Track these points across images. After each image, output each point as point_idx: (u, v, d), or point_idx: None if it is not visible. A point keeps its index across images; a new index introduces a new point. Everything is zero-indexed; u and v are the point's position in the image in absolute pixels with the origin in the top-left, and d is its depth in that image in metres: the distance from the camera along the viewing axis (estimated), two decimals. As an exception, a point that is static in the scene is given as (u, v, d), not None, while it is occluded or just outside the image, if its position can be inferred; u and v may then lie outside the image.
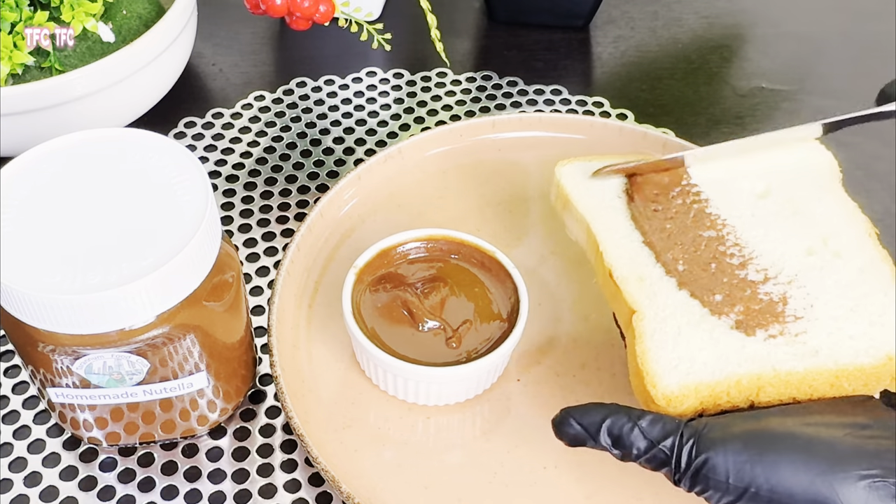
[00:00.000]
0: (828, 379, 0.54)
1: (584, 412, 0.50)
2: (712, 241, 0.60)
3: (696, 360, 0.54)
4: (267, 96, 0.84)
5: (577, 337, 0.64)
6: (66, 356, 0.51)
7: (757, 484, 0.46)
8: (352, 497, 0.55)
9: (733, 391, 0.53)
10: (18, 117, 0.69)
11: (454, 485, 0.57)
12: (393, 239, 0.64)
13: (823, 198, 0.62)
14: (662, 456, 0.48)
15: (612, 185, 0.63)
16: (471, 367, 0.58)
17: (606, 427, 0.49)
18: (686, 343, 0.55)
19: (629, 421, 0.49)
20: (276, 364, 0.60)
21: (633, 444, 0.49)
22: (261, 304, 0.68)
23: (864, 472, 0.45)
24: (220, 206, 0.75)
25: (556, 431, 0.51)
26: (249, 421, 0.62)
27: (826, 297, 0.57)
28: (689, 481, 0.48)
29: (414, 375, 0.58)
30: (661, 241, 0.60)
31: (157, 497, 0.58)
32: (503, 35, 0.91)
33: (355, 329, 0.59)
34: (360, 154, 0.79)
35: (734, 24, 0.93)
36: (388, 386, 0.60)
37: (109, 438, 0.58)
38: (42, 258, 0.48)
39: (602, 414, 0.50)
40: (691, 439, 0.48)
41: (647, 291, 0.57)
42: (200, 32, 0.84)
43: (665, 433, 0.48)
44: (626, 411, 0.50)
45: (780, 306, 0.56)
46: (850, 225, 0.60)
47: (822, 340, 0.55)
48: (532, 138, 0.76)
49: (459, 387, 0.60)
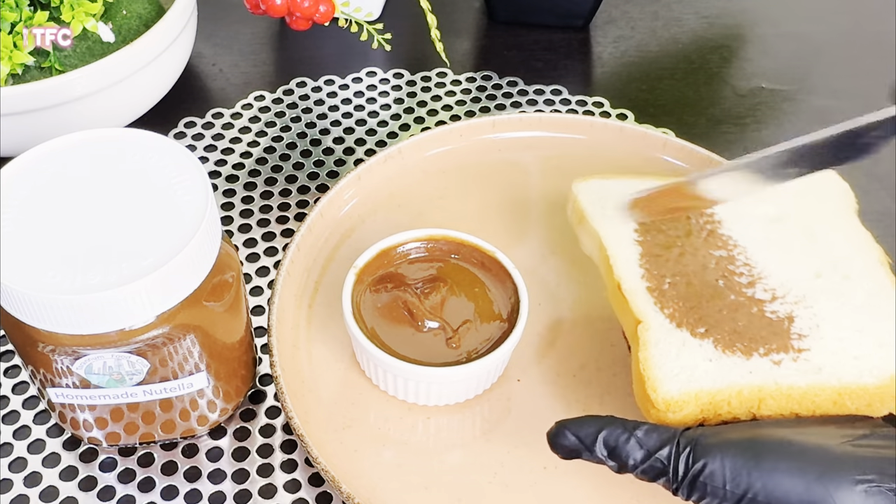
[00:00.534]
0: (830, 396, 0.54)
1: (579, 424, 0.50)
2: (722, 260, 0.60)
3: (698, 368, 0.55)
4: (267, 96, 0.84)
5: (577, 337, 0.64)
6: (66, 356, 0.51)
7: (754, 490, 0.46)
8: (352, 497, 0.54)
9: (734, 401, 0.54)
10: (18, 117, 0.69)
11: (454, 485, 0.57)
12: (393, 239, 0.64)
13: (837, 225, 0.62)
14: (659, 465, 0.48)
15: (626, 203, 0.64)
16: (471, 368, 0.58)
17: (602, 438, 0.49)
18: (689, 353, 0.55)
19: (625, 431, 0.49)
20: (276, 364, 0.60)
21: (630, 455, 0.48)
22: (261, 304, 0.68)
23: (860, 478, 0.45)
24: (220, 206, 0.75)
25: (550, 444, 0.51)
26: (249, 421, 0.62)
27: (833, 317, 0.57)
28: (686, 489, 0.48)
29: (414, 375, 0.58)
30: (671, 257, 0.60)
31: (157, 497, 0.58)
32: (503, 35, 0.91)
33: (355, 329, 0.59)
34: (360, 154, 0.79)
35: (734, 24, 0.93)
36: (388, 386, 0.60)
37: (109, 438, 0.58)
38: (42, 258, 0.48)
39: (598, 425, 0.49)
40: (688, 447, 0.48)
41: (653, 303, 0.58)
42: (200, 32, 0.84)
43: (661, 442, 0.48)
44: (622, 422, 0.49)
45: (785, 324, 0.57)
46: (863, 252, 0.61)
47: (826, 359, 0.55)
48: (532, 138, 0.76)
49: (459, 387, 0.60)
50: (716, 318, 0.57)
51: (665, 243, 0.61)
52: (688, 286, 0.58)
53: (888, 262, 0.60)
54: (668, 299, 0.58)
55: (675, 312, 0.57)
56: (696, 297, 0.58)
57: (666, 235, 0.61)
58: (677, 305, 0.58)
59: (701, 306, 0.57)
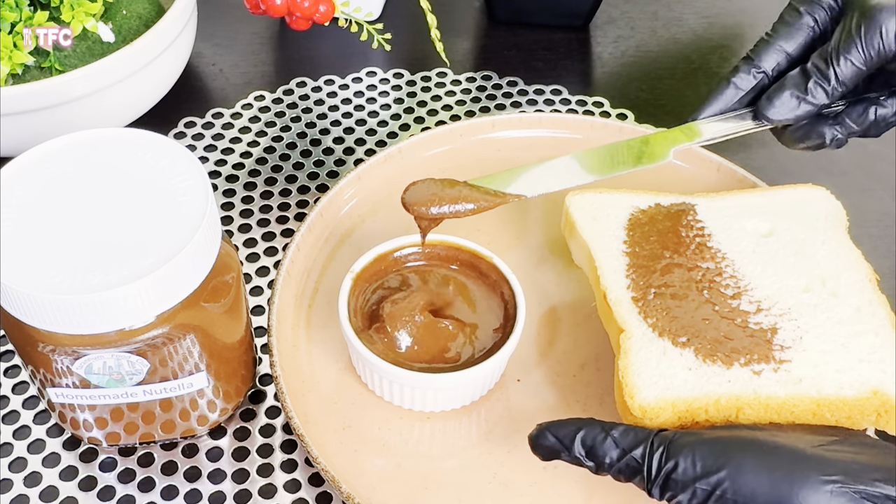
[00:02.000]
0: (809, 407, 0.54)
1: (559, 426, 0.51)
2: (709, 272, 0.60)
3: (677, 377, 0.55)
4: (267, 96, 0.84)
5: (576, 337, 0.64)
6: (66, 356, 0.50)
7: (722, 487, 0.46)
8: (352, 497, 0.54)
9: (712, 409, 0.54)
10: (18, 117, 0.69)
11: (454, 485, 0.57)
12: (390, 244, 0.64)
13: (827, 242, 0.62)
14: (634, 464, 0.48)
15: (617, 217, 0.64)
16: (468, 374, 0.58)
17: (580, 438, 0.50)
18: (669, 362, 0.56)
19: (602, 431, 0.49)
20: (276, 364, 0.60)
21: (606, 454, 0.49)
22: (261, 304, 0.68)
23: (826, 478, 0.45)
24: (220, 206, 0.74)
25: (531, 446, 0.52)
26: (249, 421, 0.62)
27: (817, 331, 0.57)
28: (659, 489, 0.48)
29: (410, 381, 0.58)
30: (657, 268, 0.60)
31: (157, 497, 0.58)
32: (503, 35, 0.91)
33: (351, 335, 0.59)
34: (360, 154, 0.79)
35: (734, 23, 0.93)
36: (384, 392, 0.60)
37: (109, 438, 0.58)
38: (42, 258, 0.48)
39: (576, 426, 0.50)
40: (661, 446, 0.48)
41: (637, 313, 0.58)
42: (200, 32, 0.84)
43: (636, 442, 0.49)
44: (601, 423, 0.50)
45: (768, 335, 0.57)
46: (851, 269, 0.61)
47: (808, 371, 0.55)
48: (532, 138, 0.76)
49: (456, 393, 0.60)
50: (698, 328, 0.57)
51: (653, 254, 0.61)
52: (672, 297, 0.59)
53: (876, 279, 0.60)
54: (653, 309, 0.58)
55: (658, 322, 0.58)
56: (679, 308, 0.58)
57: (654, 247, 0.62)
58: (661, 315, 0.58)
59: (684, 316, 0.58)
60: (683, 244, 0.62)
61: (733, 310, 0.58)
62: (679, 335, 0.57)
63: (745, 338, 0.57)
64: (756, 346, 0.56)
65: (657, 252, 0.61)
